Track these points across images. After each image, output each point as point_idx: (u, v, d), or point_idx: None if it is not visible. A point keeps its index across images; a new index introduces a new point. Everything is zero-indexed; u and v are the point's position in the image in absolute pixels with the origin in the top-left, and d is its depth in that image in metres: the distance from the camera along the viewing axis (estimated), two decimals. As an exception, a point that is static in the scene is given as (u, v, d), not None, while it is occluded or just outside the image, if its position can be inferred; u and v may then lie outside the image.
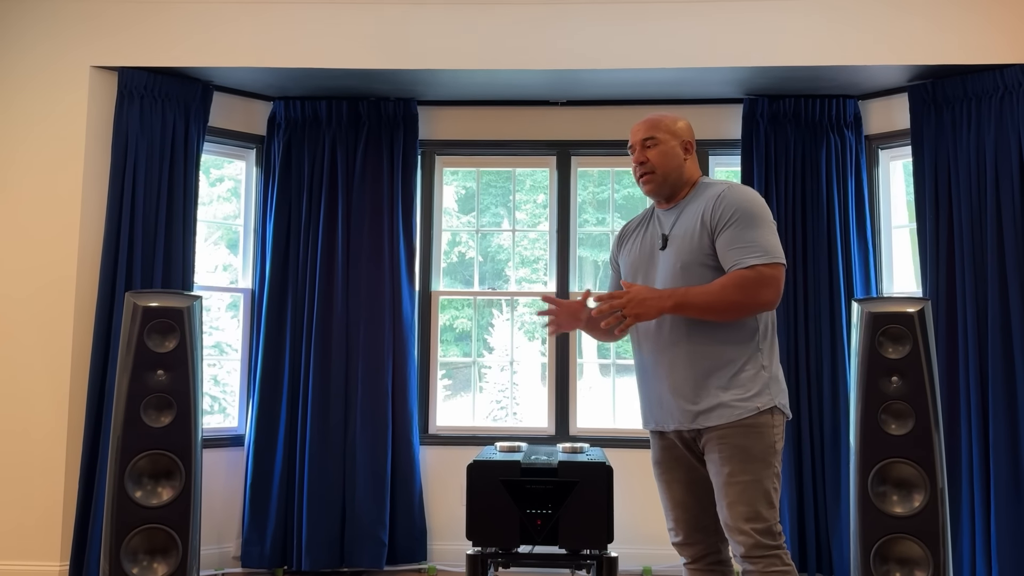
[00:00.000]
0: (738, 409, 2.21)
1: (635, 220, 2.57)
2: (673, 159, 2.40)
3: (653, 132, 2.40)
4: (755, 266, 2.20)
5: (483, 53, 4.15)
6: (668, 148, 2.39)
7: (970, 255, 3.96)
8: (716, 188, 2.35)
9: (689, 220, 2.34)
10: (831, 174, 4.35)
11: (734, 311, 2.20)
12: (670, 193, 2.42)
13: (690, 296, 2.20)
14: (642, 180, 2.41)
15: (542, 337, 4.78)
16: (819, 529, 4.18)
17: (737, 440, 2.20)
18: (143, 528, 3.32)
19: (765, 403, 2.23)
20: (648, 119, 2.44)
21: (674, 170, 2.40)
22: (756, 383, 2.24)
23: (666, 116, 2.45)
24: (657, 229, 2.43)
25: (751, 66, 4.08)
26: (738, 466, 2.18)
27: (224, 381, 5.27)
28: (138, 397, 3.39)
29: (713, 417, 2.22)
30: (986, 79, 4.00)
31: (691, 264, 2.29)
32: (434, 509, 4.47)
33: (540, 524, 3.40)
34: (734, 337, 2.26)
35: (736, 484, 2.17)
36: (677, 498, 2.37)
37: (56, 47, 4.11)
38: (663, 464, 2.40)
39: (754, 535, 2.14)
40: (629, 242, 2.53)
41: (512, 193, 5.00)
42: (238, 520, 4.39)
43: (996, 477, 3.76)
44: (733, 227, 2.25)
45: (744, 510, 2.16)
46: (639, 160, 2.41)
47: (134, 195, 4.06)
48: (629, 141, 2.46)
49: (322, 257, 4.41)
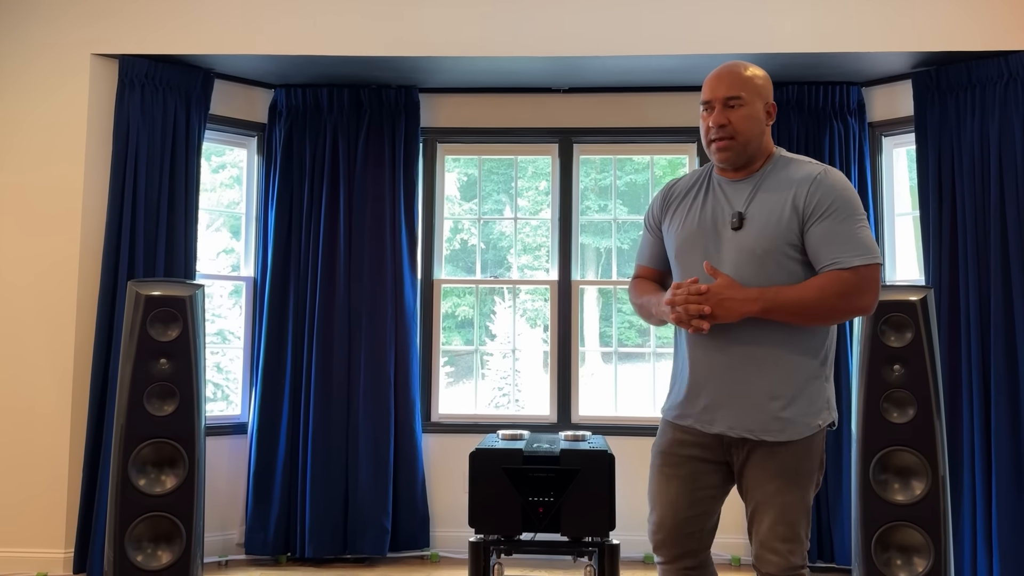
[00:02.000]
0: (799, 427, 2.01)
1: (685, 181, 2.23)
2: (757, 125, 2.07)
3: (741, 90, 2.06)
4: (857, 267, 1.96)
5: (485, 40, 4.13)
6: (754, 112, 2.06)
7: (973, 243, 3.95)
8: (808, 168, 2.07)
9: (773, 200, 2.04)
10: (834, 161, 4.34)
11: (830, 317, 1.98)
12: (745, 163, 2.10)
13: (781, 299, 1.95)
14: (717, 146, 2.07)
15: (544, 324, 4.78)
16: (820, 517, 4.19)
17: (788, 458, 2.02)
18: (147, 516, 3.34)
19: (825, 419, 2.05)
20: (733, 71, 2.08)
21: (756, 137, 2.07)
22: (820, 399, 2.04)
23: (751, 68, 2.10)
24: (724, 202, 2.10)
25: (754, 53, 4.05)
26: (784, 484, 2.01)
27: (227, 369, 5.28)
28: (141, 386, 3.40)
29: (775, 432, 2.01)
30: (990, 66, 3.98)
31: (772, 252, 2.01)
32: (436, 496, 4.49)
33: (542, 512, 3.41)
34: (808, 346, 2.03)
35: (780, 504, 2.01)
36: (672, 497, 2.13)
37: (57, 34, 4.10)
38: (671, 457, 2.15)
39: (788, 557, 2.01)
40: (680, 208, 2.18)
41: (514, 180, 4.99)
42: (241, 507, 4.41)
43: (997, 465, 3.77)
44: (831, 219, 1.99)
45: (784, 531, 2.01)
46: (719, 122, 2.05)
47: (136, 183, 4.06)
48: (705, 96, 2.10)
49: (324, 245, 4.41)
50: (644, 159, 5.16)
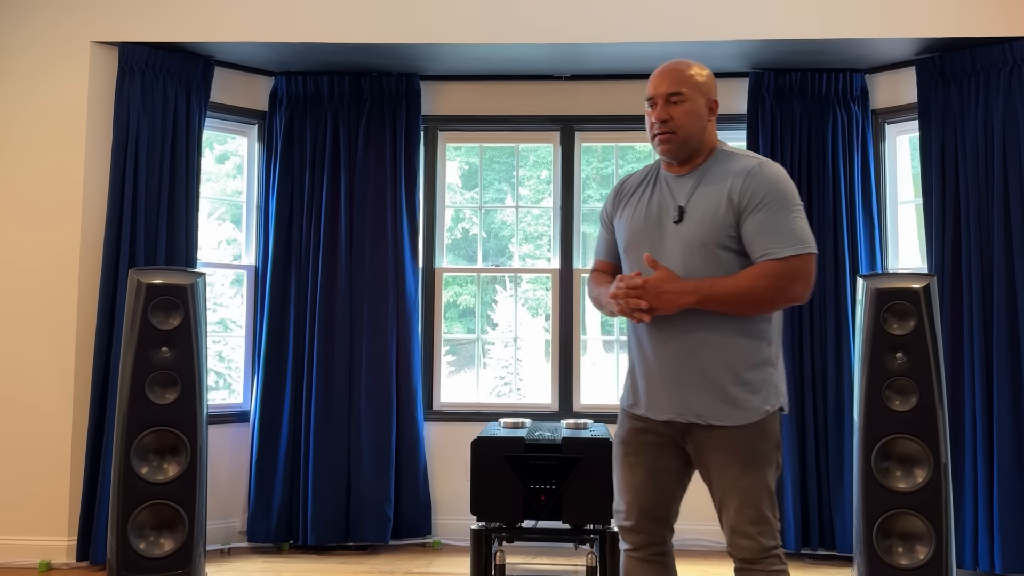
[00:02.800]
0: (748, 411, 2.07)
1: (636, 177, 2.31)
2: (698, 120, 2.14)
3: (681, 86, 2.12)
4: (788, 258, 2.02)
5: (486, 26, 4.11)
6: (695, 107, 2.13)
7: (976, 230, 3.94)
8: (744, 162, 2.13)
9: (712, 193, 2.10)
10: (837, 149, 4.32)
11: (763, 306, 2.05)
12: (687, 157, 2.16)
13: (715, 290, 2.01)
14: (659, 140, 2.14)
15: (545, 313, 4.78)
16: (822, 505, 4.20)
17: (744, 442, 2.07)
18: (149, 504, 3.34)
19: (773, 404, 2.11)
20: (674, 69, 2.16)
21: (697, 132, 2.14)
22: (767, 383, 2.10)
23: (693, 67, 2.17)
24: (668, 197, 2.17)
25: (757, 39, 4.03)
26: (745, 468, 2.06)
27: (229, 357, 5.28)
28: (143, 374, 3.40)
29: (721, 416, 2.07)
30: (994, 52, 3.96)
31: (710, 243, 2.08)
32: (438, 484, 4.50)
33: (544, 499, 3.42)
34: (752, 331, 2.09)
35: (743, 487, 2.06)
36: (637, 484, 2.19)
37: (56, 22, 4.08)
38: (631, 445, 2.21)
39: (759, 539, 2.06)
40: (630, 204, 2.26)
41: (515, 169, 4.98)
42: (244, 495, 4.42)
43: (999, 453, 3.77)
44: (765, 211, 2.05)
45: (751, 514, 2.05)
46: (661, 117, 2.12)
47: (136, 171, 4.05)
48: (648, 92, 2.17)
49: (325, 234, 4.40)
50: (646, 147, 5.15)
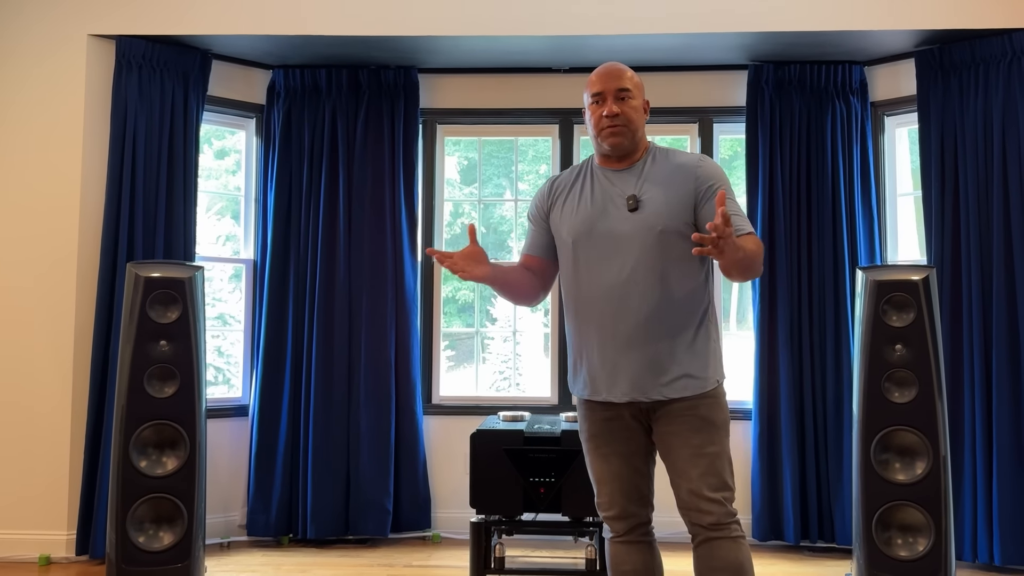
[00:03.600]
0: (703, 381, 2.22)
1: (567, 176, 2.42)
2: (641, 117, 2.31)
3: (629, 84, 2.29)
4: (753, 234, 2.21)
5: (484, 19, 4.09)
6: (638, 104, 2.30)
7: (975, 223, 3.94)
8: (688, 157, 2.31)
9: (663, 185, 2.25)
10: (836, 141, 4.31)
11: (755, 272, 2.18)
12: (627, 152, 2.31)
13: (747, 252, 2.10)
14: (611, 131, 2.26)
15: (544, 308, 4.77)
16: (821, 497, 4.20)
17: (703, 412, 2.21)
18: (149, 497, 3.34)
19: (721, 376, 2.28)
20: (619, 68, 2.31)
21: (640, 127, 2.31)
22: (713, 356, 2.27)
23: (630, 70, 2.34)
24: (611, 188, 2.29)
25: (756, 31, 4.02)
26: (707, 437, 2.19)
27: (228, 352, 5.28)
28: (141, 368, 3.39)
29: (679, 388, 2.20)
30: (994, 44, 3.95)
31: (670, 231, 2.22)
32: (438, 478, 4.50)
33: (543, 492, 3.42)
34: (692, 311, 2.25)
35: (706, 455, 2.18)
36: (615, 471, 2.30)
37: (53, 16, 4.06)
38: (601, 437, 2.31)
39: (724, 504, 2.17)
40: (568, 199, 2.36)
41: (515, 164, 4.97)
42: (243, 489, 4.42)
43: (999, 445, 3.77)
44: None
45: (715, 481, 2.18)
46: (613, 111, 2.25)
47: (134, 165, 4.04)
48: (596, 88, 2.29)
49: (324, 227, 4.40)
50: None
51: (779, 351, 4.24)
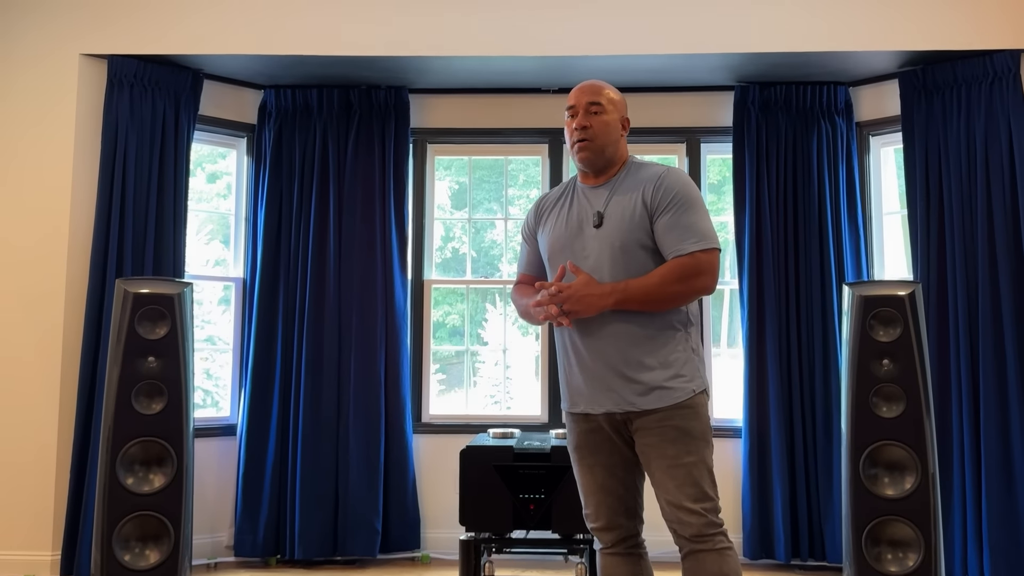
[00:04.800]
0: (678, 391, 2.20)
1: (554, 194, 2.47)
2: (612, 132, 2.33)
3: (600, 98, 2.32)
4: (693, 252, 2.19)
5: (474, 40, 4.14)
6: (611, 120, 2.32)
7: (961, 241, 3.98)
8: (653, 169, 2.32)
9: (626, 200, 2.28)
10: (822, 161, 4.36)
11: (675, 300, 2.20)
12: (601, 168, 2.34)
13: (630, 291, 2.18)
14: (579, 146, 2.31)
15: (535, 333, 4.78)
16: (812, 515, 4.19)
17: (679, 422, 2.19)
18: (135, 515, 3.31)
19: (699, 386, 2.25)
20: (594, 84, 2.35)
21: (611, 144, 2.32)
22: (690, 365, 2.25)
23: (609, 87, 2.37)
24: (586, 206, 2.34)
25: (742, 52, 4.08)
26: (683, 447, 2.17)
27: (217, 375, 5.25)
28: (129, 384, 3.38)
29: (652, 399, 2.20)
30: (976, 65, 4.01)
31: (629, 244, 2.25)
32: (427, 497, 4.47)
33: (533, 509, 3.40)
34: (666, 322, 2.24)
35: (682, 466, 2.16)
36: (600, 482, 2.31)
37: (45, 34, 4.09)
38: (585, 448, 2.33)
39: (705, 514, 2.15)
40: (551, 216, 2.41)
41: (504, 188, 5.00)
42: (231, 509, 4.38)
43: (987, 458, 3.78)
44: (672, 212, 2.23)
45: (693, 491, 2.15)
46: (582, 124, 2.29)
47: (124, 183, 4.05)
48: (570, 102, 2.34)
49: (314, 246, 4.40)
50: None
51: (768, 369, 4.25)
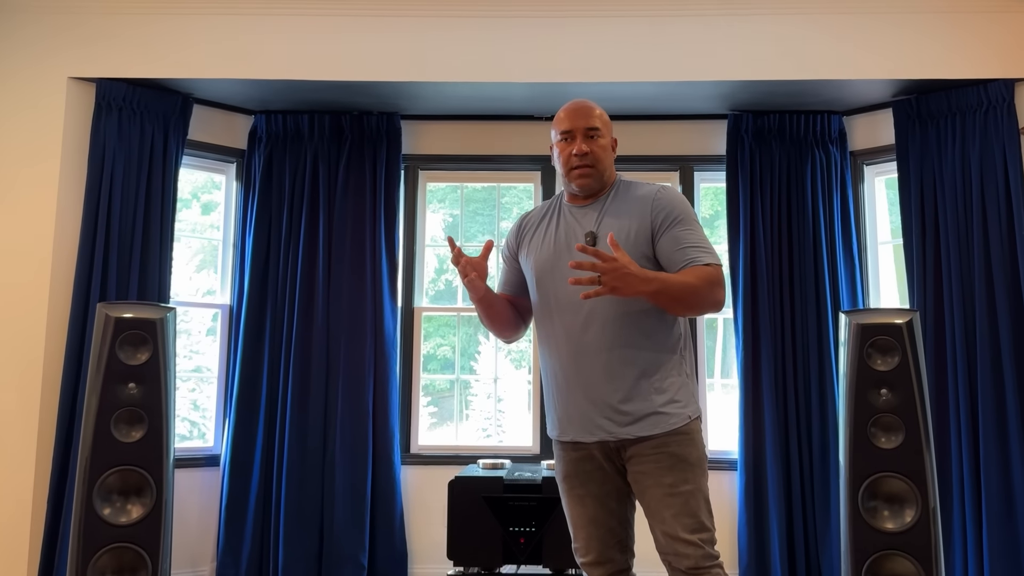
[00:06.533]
0: (673, 417, 2.13)
1: (536, 213, 2.40)
2: (609, 155, 2.29)
3: (596, 122, 2.26)
4: (711, 264, 2.14)
5: (467, 66, 4.12)
6: (606, 143, 2.28)
7: (957, 269, 3.94)
8: (647, 188, 2.27)
9: (622, 219, 2.22)
10: (816, 190, 4.33)
11: (701, 305, 2.11)
12: (596, 190, 2.29)
13: (670, 284, 2.06)
14: (579, 173, 2.24)
15: (528, 366, 4.71)
16: (809, 549, 4.09)
17: (675, 449, 2.11)
18: (111, 547, 3.19)
19: (694, 411, 2.18)
20: (589, 106, 2.28)
21: (608, 167, 2.29)
22: (684, 391, 2.18)
23: (596, 105, 2.31)
24: (575, 225, 2.27)
25: (736, 80, 4.07)
26: (680, 476, 2.10)
27: (204, 406, 5.14)
28: (108, 411, 3.28)
29: (647, 426, 2.12)
30: (970, 94, 4.01)
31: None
32: (415, 531, 4.35)
33: (523, 543, 3.31)
34: (660, 345, 2.18)
35: (679, 495, 2.08)
36: (590, 514, 2.22)
37: (33, 57, 4.06)
38: (575, 478, 2.23)
39: (702, 546, 2.07)
40: (535, 237, 2.34)
41: (497, 221, 4.95)
42: (213, 542, 4.26)
43: (987, 490, 3.70)
44: (678, 227, 2.18)
45: (690, 522, 2.07)
46: (583, 151, 2.23)
47: (110, 207, 3.99)
48: (564, 126, 2.26)
49: (302, 272, 4.34)
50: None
51: (763, 399, 4.17)
